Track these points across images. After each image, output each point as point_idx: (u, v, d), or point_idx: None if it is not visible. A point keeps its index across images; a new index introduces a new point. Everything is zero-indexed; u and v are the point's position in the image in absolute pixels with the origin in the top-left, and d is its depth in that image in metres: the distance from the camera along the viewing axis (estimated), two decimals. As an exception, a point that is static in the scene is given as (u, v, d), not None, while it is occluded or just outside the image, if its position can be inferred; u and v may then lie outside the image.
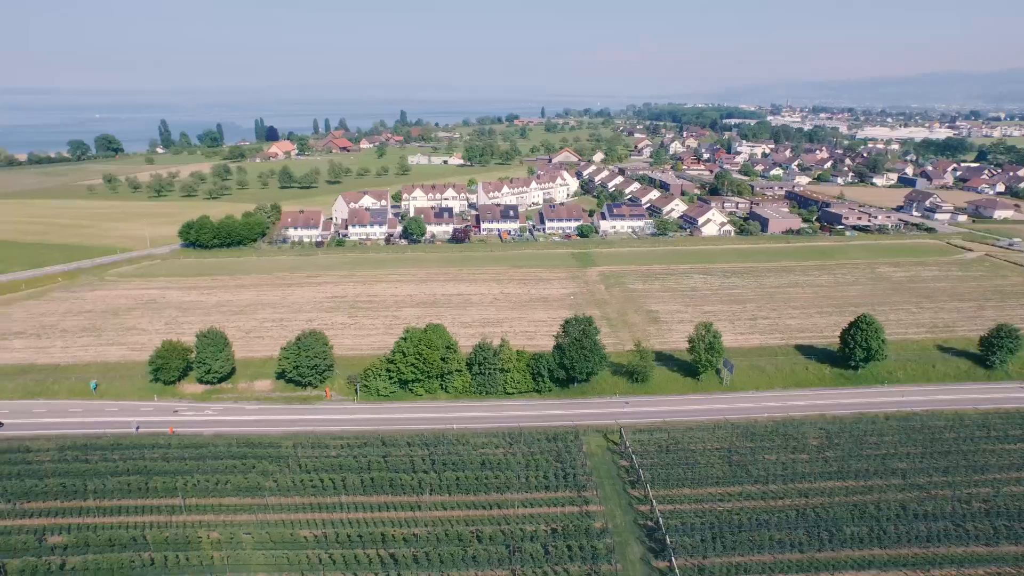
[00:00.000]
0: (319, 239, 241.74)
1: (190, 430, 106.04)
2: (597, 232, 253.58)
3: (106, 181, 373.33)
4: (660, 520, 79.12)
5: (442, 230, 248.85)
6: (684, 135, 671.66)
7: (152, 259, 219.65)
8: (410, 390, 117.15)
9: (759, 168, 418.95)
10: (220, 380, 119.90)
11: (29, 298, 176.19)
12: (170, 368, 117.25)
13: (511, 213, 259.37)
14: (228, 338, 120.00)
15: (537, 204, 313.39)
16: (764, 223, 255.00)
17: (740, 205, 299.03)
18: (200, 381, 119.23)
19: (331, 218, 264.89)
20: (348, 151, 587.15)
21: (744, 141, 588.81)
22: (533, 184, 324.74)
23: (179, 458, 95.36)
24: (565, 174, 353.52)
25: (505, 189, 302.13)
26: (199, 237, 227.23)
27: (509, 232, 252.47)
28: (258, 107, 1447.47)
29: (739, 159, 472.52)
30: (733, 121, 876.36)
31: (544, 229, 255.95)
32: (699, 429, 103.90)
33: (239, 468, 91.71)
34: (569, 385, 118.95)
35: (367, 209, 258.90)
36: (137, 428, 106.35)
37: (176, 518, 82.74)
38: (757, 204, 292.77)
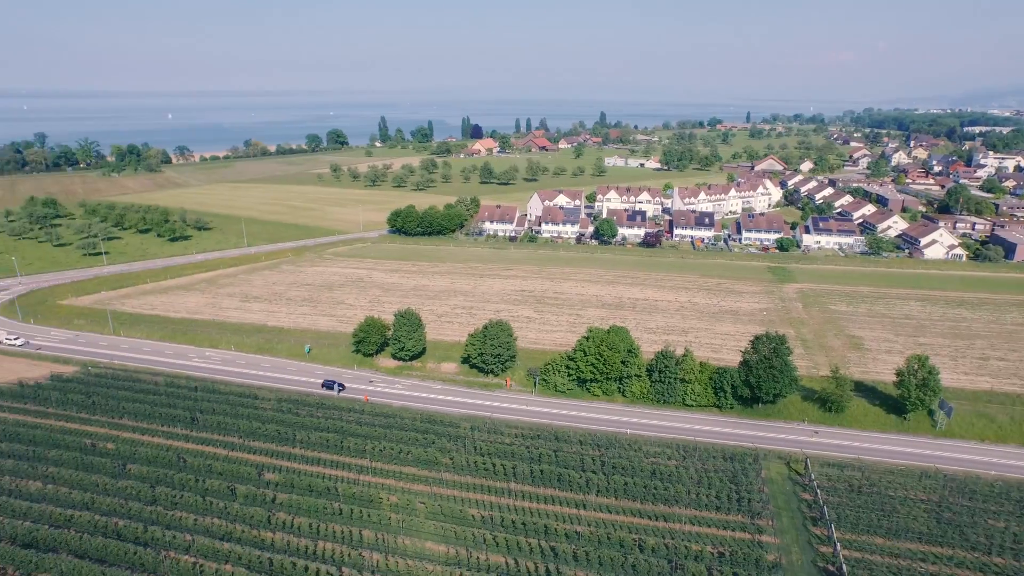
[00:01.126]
0: (513, 234, 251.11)
1: (382, 400, 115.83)
2: (799, 246, 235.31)
3: (332, 171, 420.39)
4: (844, 567, 71.57)
5: (633, 233, 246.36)
6: (911, 144, 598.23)
7: (363, 242, 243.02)
8: (587, 389, 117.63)
9: (1009, 184, 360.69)
10: (411, 358, 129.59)
11: (266, 268, 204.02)
12: (370, 342, 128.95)
13: (706, 220, 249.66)
14: (422, 320, 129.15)
15: (735, 213, 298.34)
16: (1010, 249, 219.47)
17: (978, 226, 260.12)
18: (394, 357, 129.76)
19: (525, 214, 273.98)
20: (546, 150, 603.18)
21: (991, 152, 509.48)
22: (732, 192, 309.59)
23: (370, 424, 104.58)
24: (768, 183, 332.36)
25: (702, 195, 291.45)
26: (404, 225, 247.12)
27: (703, 240, 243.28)
28: (466, 106, 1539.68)
29: (982, 173, 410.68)
30: (978, 129, 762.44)
31: (740, 239, 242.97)
32: (901, 474, 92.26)
33: (420, 441, 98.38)
34: (753, 405, 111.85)
35: (561, 208, 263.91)
36: (339, 392, 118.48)
37: (363, 477, 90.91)
38: (1002, 226, 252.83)
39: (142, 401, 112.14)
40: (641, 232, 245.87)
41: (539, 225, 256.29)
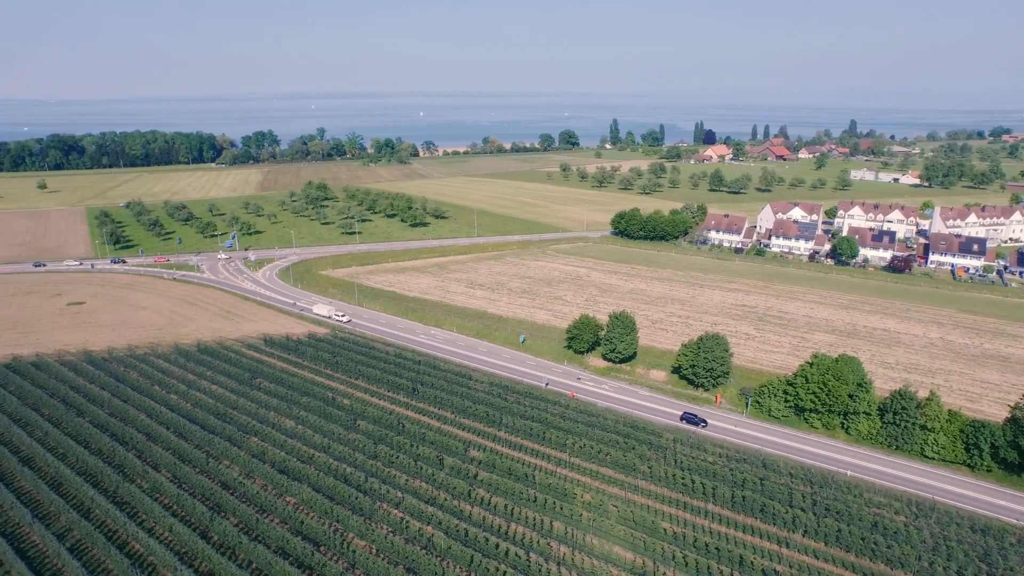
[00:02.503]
0: (739, 245, 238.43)
1: (587, 398, 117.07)
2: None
3: (561, 170, 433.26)
4: None
5: (878, 255, 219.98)
6: None
7: (585, 241, 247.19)
8: (805, 419, 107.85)
9: None
10: (621, 361, 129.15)
11: (492, 259, 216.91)
12: (582, 339, 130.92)
13: (975, 247, 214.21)
14: (636, 324, 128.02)
15: (1017, 241, 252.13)
16: None
17: None
18: (604, 357, 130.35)
19: (755, 226, 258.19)
20: (784, 159, 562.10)
21: None
22: (1016, 215, 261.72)
23: (573, 420, 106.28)
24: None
25: (972, 218, 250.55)
26: (627, 227, 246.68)
27: (967, 269, 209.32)
28: (701, 111, 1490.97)
29: None
30: None
31: (1021, 273, 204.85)
32: None
33: (620, 445, 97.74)
34: (1022, 473, 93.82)
35: (795, 222, 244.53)
36: (546, 384, 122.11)
37: (560, 470, 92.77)
38: None
39: (374, 367, 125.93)
40: (887, 255, 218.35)
41: (768, 238, 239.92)
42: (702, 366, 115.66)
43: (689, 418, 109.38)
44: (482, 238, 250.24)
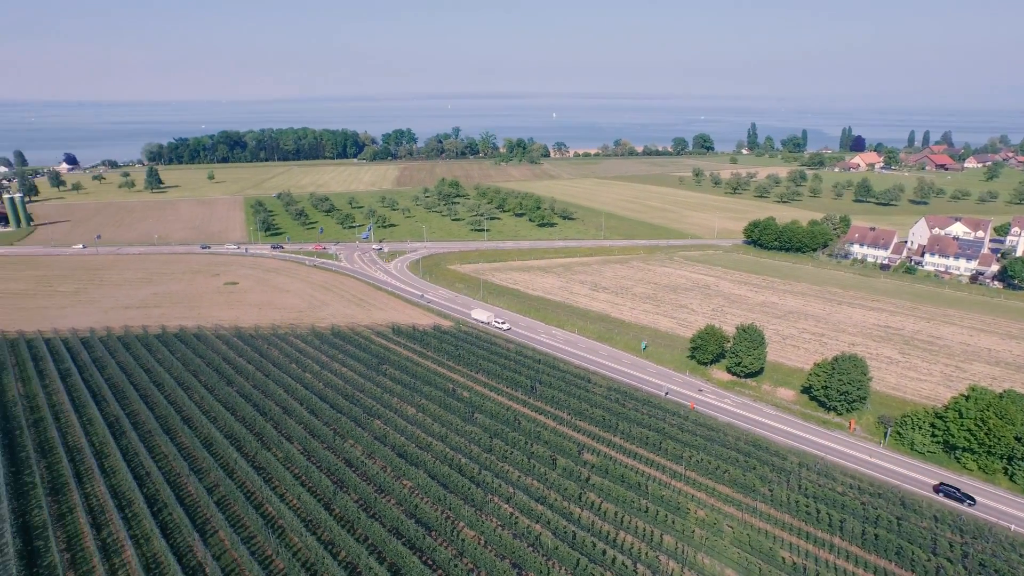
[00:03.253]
0: (885, 261, 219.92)
1: (707, 411, 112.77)
2: None
3: (694, 175, 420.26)
4: None
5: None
6: None
7: (715, 249, 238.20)
8: (956, 458, 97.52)
9: None
10: (747, 375, 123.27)
11: (617, 262, 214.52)
12: (706, 350, 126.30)
13: None
14: (765, 338, 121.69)
15: None
16: None
17: None
18: (728, 371, 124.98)
19: (905, 241, 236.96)
20: (946, 169, 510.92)
21: None
22: None
23: (691, 432, 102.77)
24: None
25: None
26: (761, 237, 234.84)
27: None
28: (849, 115, 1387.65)
29: None
30: None
31: None
32: None
33: (739, 463, 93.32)
34: None
35: (955, 238, 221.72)
36: (666, 393, 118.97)
37: (674, 482, 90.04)
38: None
39: (495, 362, 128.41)
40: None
41: (921, 255, 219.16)
42: (836, 388, 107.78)
43: (949, 492, 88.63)
44: (608, 241, 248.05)
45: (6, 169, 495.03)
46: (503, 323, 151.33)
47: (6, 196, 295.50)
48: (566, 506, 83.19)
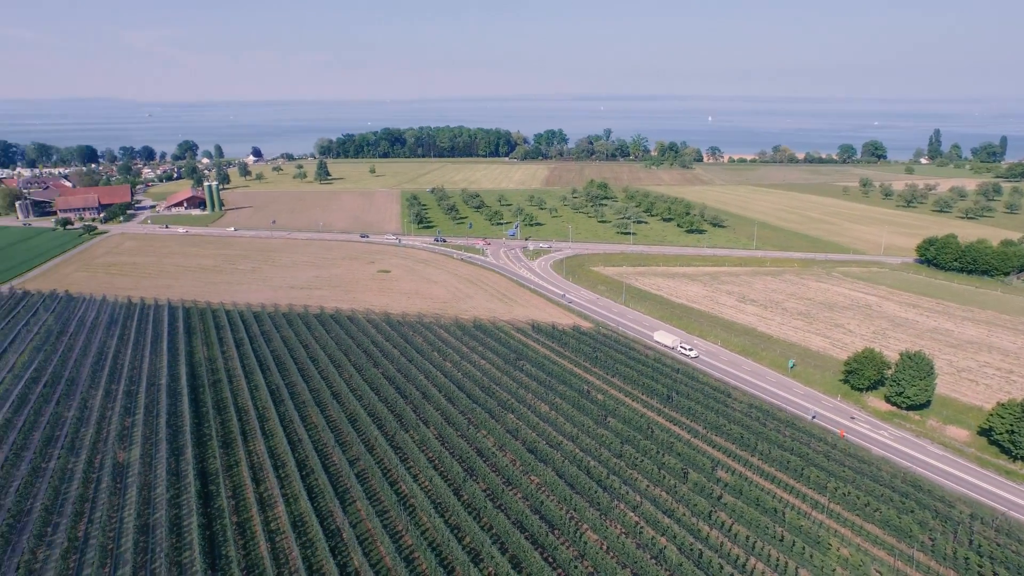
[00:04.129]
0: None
1: (859, 442, 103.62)
2: None
3: (861, 185, 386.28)
4: None
5: None
6: None
7: (880, 267, 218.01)
8: None
9: None
10: (909, 407, 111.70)
11: (768, 275, 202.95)
12: (862, 375, 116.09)
13: None
14: (934, 368, 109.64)
15: None
16: None
17: None
18: (888, 400, 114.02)
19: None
20: None
21: None
22: None
23: (839, 462, 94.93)
24: None
25: None
26: (937, 256, 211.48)
27: None
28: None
29: None
30: None
31: None
32: None
33: (895, 503, 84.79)
34: None
35: None
36: (812, 417, 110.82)
37: (815, 513, 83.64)
38: None
39: (632, 368, 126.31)
40: None
41: None
42: None
43: None
44: (760, 251, 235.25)
45: (208, 160, 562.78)
46: (690, 349, 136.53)
47: (205, 184, 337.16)
48: (694, 522, 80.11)
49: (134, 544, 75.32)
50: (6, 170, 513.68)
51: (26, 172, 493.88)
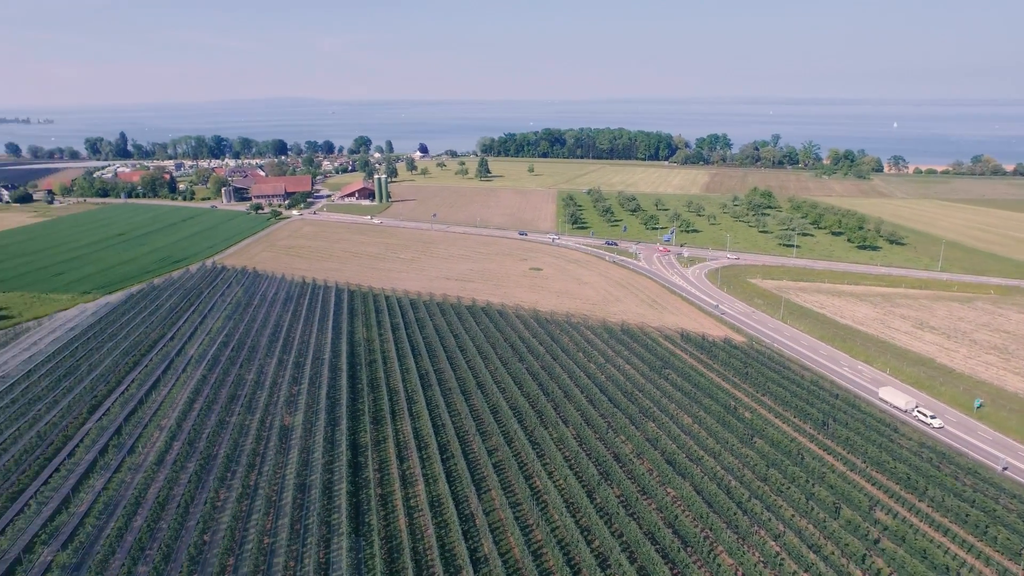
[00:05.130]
0: None
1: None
2: None
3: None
4: None
5: None
6: None
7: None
8: None
9: None
10: None
11: (955, 300, 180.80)
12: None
13: None
14: None
15: None
16: None
17: None
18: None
19: None
20: None
21: None
22: None
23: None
24: None
25: None
26: None
27: None
28: None
29: None
30: None
31: None
32: None
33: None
34: None
35: None
36: (1004, 468, 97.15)
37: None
38: None
39: (785, 388, 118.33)
40: None
41: None
42: None
43: None
44: (946, 274, 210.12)
45: (379, 155, 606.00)
46: (932, 416, 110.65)
47: (375, 176, 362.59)
48: (844, 564, 73.40)
49: (292, 499, 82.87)
50: (217, 160, 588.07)
51: (231, 163, 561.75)
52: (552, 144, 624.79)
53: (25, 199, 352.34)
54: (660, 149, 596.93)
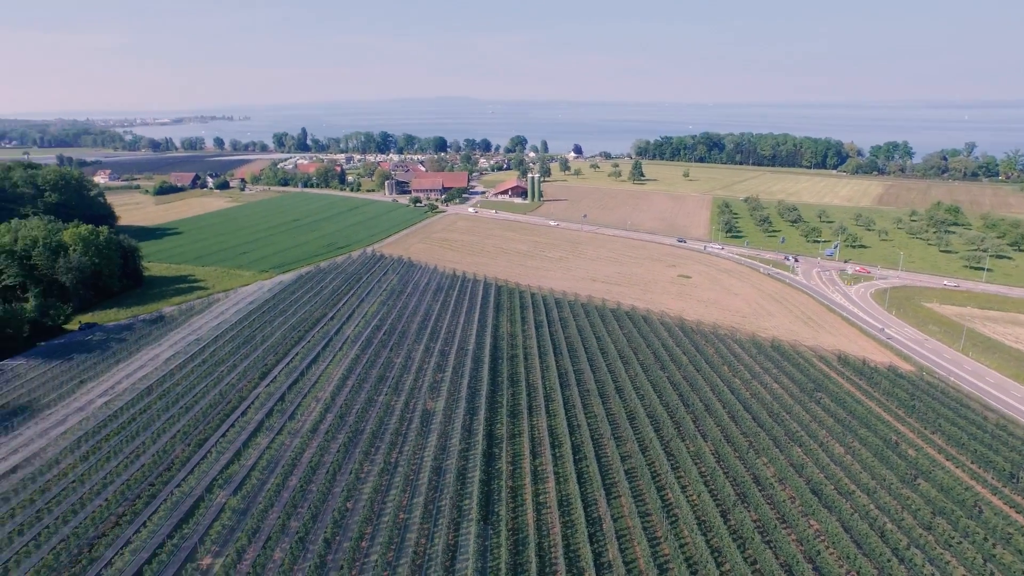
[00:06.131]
0: None
1: None
2: None
3: None
4: None
5: None
6: None
7: None
8: None
9: None
10: None
11: None
12: None
13: None
14: None
15: None
16: None
17: None
18: None
19: None
20: None
21: None
22: None
23: None
24: None
25: None
26: None
27: None
28: None
29: None
30: None
31: None
32: None
33: None
34: None
35: None
36: None
37: None
38: None
39: (962, 428, 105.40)
40: None
41: None
42: None
43: None
44: None
45: (533, 154, 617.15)
46: None
47: (529, 175, 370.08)
48: (1025, 636, 64.30)
49: (428, 480, 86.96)
50: (382, 155, 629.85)
51: (395, 157, 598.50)
52: (710, 148, 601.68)
53: (224, 186, 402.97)
54: (828, 157, 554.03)
